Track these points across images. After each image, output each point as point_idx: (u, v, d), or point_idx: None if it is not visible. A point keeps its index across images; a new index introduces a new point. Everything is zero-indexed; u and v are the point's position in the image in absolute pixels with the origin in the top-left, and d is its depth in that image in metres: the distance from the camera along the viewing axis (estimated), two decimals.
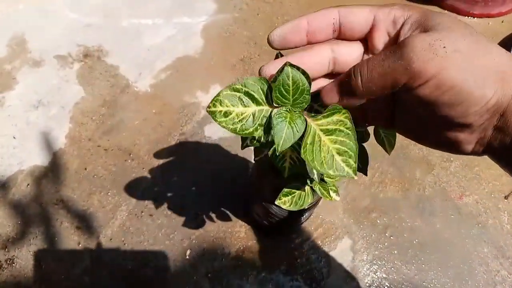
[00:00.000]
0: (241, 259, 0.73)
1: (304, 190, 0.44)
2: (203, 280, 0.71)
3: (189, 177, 0.80)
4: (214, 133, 0.85)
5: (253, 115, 0.32)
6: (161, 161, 0.81)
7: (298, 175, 0.43)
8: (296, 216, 0.69)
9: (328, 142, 0.31)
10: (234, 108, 0.32)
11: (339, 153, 0.31)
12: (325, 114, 0.31)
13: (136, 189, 0.79)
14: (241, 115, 0.32)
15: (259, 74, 0.32)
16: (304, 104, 0.32)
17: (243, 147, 0.42)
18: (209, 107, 0.31)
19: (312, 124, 0.32)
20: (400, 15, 0.29)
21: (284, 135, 0.31)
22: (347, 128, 0.31)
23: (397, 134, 0.42)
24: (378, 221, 0.78)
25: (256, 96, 0.32)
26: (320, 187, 0.43)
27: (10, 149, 0.82)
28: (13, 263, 0.72)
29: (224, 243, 0.74)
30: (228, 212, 0.77)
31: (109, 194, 0.78)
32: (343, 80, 0.29)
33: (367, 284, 0.72)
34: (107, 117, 0.86)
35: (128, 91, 0.89)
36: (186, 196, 0.78)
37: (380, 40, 0.29)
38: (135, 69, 0.92)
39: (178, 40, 0.96)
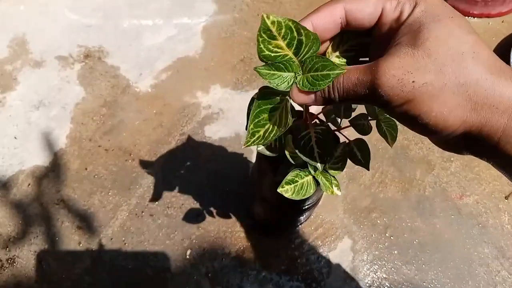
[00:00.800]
0: (241, 259, 0.73)
1: (307, 180, 0.44)
2: (203, 280, 0.72)
3: (189, 177, 0.80)
4: (214, 133, 0.85)
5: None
6: (161, 161, 0.81)
7: (303, 165, 0.43)
8: (296, 216, 0.69)
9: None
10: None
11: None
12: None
13: (136, 189, 0.79)
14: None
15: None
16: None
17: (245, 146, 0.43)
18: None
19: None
20: (406, 10, 0.29)
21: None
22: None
23: (398, 129, 0.42)
24: (378, 221, 0.78)
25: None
26: (322, 177, 0.43)
27: (11, 149, 0.82)
28: (14, 263, 0.72)
29: (224, 243, 0.75)
30: (228, 212, 0.77)
31: (109, 194, 0.78)
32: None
33: (367, 284, 0.72)
34: (108, 118, 0.86)
35: (129, 92, 0.89)
36: (186, 196, 0.78)
37: (385, 27, 0.30)
38: (136, 70, 0.92)
39: (178, 40, 0.96)
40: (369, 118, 0.44)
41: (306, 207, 0.64)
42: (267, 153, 0.44)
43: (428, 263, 0.74)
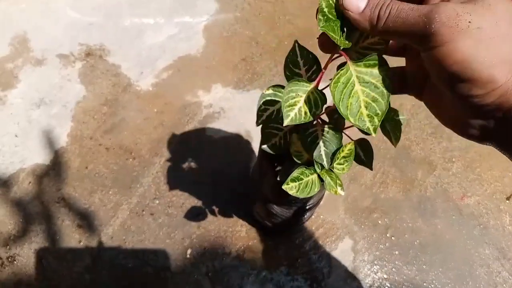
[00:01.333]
0: (242, 258, 0.73)
1: (312, 179, 0.44)
2: (204, 279, 0.71)
3: (190, 176, 0.80)
4: (215, 132, 0.85)
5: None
6: (162, 160, 0.81)
7: (307, 164, 0.43)
8: (297, 216, 0.69)
9: (360, 92, 0.30)
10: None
11: (366, 107, 0.29)
12: (366, 61, 0.30)
13: (137, 188, 0.79)
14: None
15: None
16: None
17: (258, 124, 0.43)
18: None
19: (351, 67, 0.30)
20: None
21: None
22: (383, 86, 0.30)
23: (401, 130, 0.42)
24: (379, 222, 0.78)
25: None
26: (328, 176, 0.43)
27: (12, 148, 0.82)
28: (15, 261, 0.72)
29: (224, 243, 0.74)
30: (229, 211, 0.77)
31: (110, 192, 0.78)
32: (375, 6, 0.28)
33: (368, 285, 0.72)
34: (109, 116, 0.86)
35: (130, 90, 0.89)
36: (187, 195, 0.78)
37: None
38: (137, 68, 0.92)
39: (179, 39, 0.96)
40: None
41: (308, 207, 0.64)
42: (270, 151, 0.44)
43: (429, 264, 0.74)
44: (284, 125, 0.32)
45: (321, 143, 0.39)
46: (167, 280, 0.71)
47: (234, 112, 0.87)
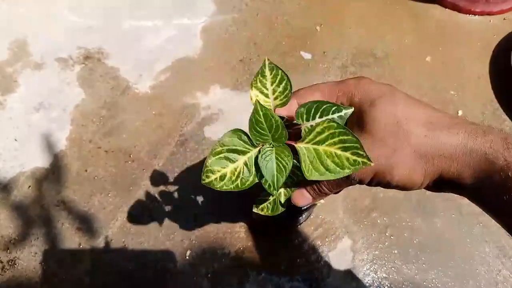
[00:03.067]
0: (241, 259, 0.73)
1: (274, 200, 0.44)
2: (203, 280, 0.72)
3: (189, 177, 0.80)
4: (214, 134, 0.85)
5: (246, 164, 0.33)
6: (161, 162, 0.82)
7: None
8: (295, 217, 0.69)
9: (329, 148, 0.31)
10: (226, 169, 0.33)
11: (345, 150, 0.31)
12: (307, 132, 0.32)
13: (136, 190, 0.79)
14: (235, 171, 0.33)
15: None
16: (283, 138, 0.32)
17: (253, 215, 0.44)
18: (203, 179, 0.32)
19: (302, 145, 0.32)
20: (345, 103, 0.34)
21: (275, 173, 0.32)
22: (337, 128, 0.31)
23: None
24: (379, 221, 0.77)
25: (238, 148, 0.33)
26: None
27: (12, 152, 0.83)
28: (15, 264, 0.73)
29: (224, 243, 0.75)
30: (228, 212, 0.77)
31: (109, 195, 0.78)
32: (312, 187, 0.35)
33: (367, 284, 0.72)
34: (108, 119, 0.86)
35: (129, 93, 0.89)
36: (186, 197, 0.78)
37: None
38: (135, 71, 0.92)
39: (177, 41, 0.96)
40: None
41: (305, 207, 0.64)
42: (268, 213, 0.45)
43: (429, 263, 0.74)
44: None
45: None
46: (166, 282, 0.71)
47: (232, 113, 0.87)
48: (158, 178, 0.80)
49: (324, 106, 0.33)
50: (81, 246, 0.74)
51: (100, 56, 0.94)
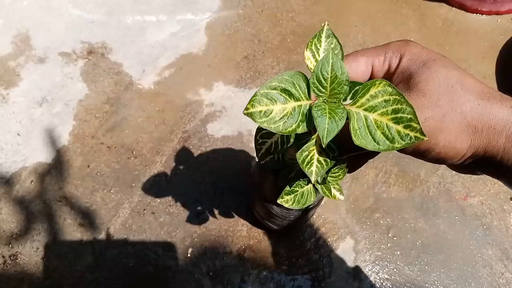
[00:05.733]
0: (243, 258, 0.73)
1: (307, 189, 0.44)
2: (204, 278, 0.72)
3: (191, 175, 0.80)
4: (217, 131, 0.84)
5: (293, 111, 0.31)
6: (163, 159, 0.81)
7: (304, 175, 0.43)
8: (297, 216, 0.68)
9: (379, 118, 0.29)
10: (274, 107, 0.30)
11: (397, 123, 0.29)
12: (360, 94, 0.30)
13: (138, 186, 0.79)
14: (282, 112, 0.31)
15: None
16: (342, 95, 0.31)
17: (260, 159, 0.42)
18: (247, 108, 0.30)
19: (353, 109, 0.30)
20: (394, 63, 0.33)
21: (326, 127, 0.29)
22: (392, 94, 0.29)
23: None
24: (381, 222, 0.77)
25: (293, 91, 0.30)
26: (322, 186, 0.43)
27: (14, 146, 0.82)
28: (17, 259, 0.73)
29: (225, 242, 0.74)
30: (230, 210, 0.77)
31: (111, 191, 0.78)
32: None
33: (369, 285, 0.72)
34: (111, 115, 0.86)
35: (132, 89, 0.89)
36: (188, 194, 0.78)
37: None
38: (139, 66, 0.92)
39: (181, 37, 0.96)
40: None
41: (308, 207, 0.64)
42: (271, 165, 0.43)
43: (431, 264, 0.74)
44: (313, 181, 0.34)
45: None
46: (167, 279, 0.71)
47: (236, 110, 0.87)
48: (160, 174, 0.80)
49: None
50: (83, 242, 0.74)
51: (103, 50, 0.93)
